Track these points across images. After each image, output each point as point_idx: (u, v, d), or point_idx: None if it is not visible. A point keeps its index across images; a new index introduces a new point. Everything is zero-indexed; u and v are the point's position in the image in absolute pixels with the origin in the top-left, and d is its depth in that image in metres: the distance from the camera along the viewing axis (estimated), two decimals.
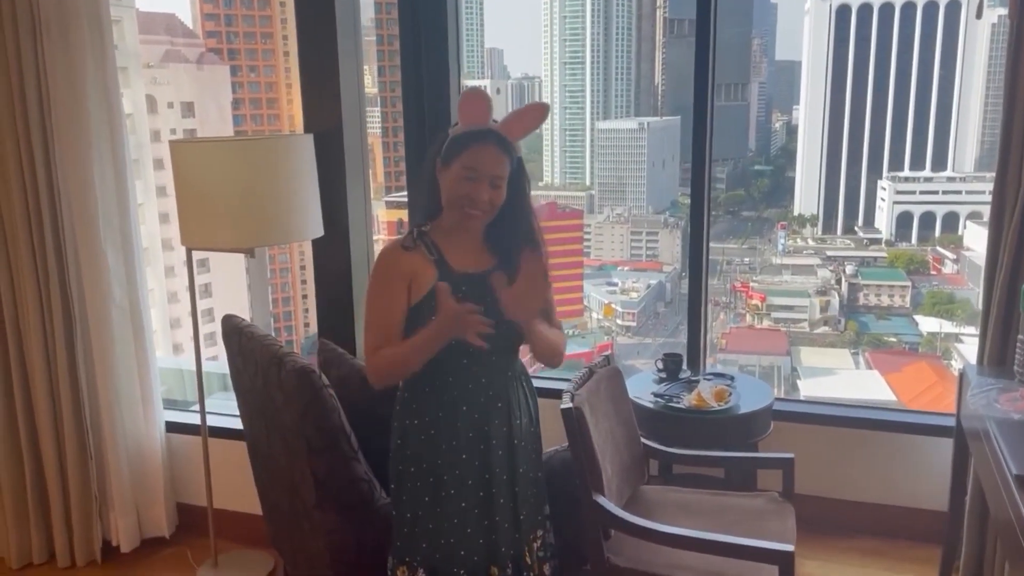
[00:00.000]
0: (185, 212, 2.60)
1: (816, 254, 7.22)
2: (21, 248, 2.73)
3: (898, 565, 2.83)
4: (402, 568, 1.98)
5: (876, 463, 2.96)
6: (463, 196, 1.83)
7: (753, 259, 7.44)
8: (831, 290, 6.98)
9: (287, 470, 2.31)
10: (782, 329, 7.03)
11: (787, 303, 6.96)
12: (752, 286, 7.17)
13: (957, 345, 6.30)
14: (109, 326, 2.79)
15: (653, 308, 7.43)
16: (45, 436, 2.84)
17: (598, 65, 7.65)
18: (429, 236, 1.91)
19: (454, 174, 1.83)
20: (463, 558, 1.94)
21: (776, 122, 8.11)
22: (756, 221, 7.73)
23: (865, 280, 6.87)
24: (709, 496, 2.46)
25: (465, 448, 1.92)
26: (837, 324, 6.96)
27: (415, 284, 1.88)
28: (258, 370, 2.34)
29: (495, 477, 1.95)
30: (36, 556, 2.95)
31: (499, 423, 1.95)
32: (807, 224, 7.43)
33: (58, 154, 2.69)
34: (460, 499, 1.92)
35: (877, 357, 6.65)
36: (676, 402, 2.76)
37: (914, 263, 6.82)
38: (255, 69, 6.32)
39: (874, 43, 6.83)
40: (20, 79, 2.65)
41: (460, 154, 1.83)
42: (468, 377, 1.91)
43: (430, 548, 1.94)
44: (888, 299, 6.84)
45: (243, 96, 6.25)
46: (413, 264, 1.88)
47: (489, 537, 1.95)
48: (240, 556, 2.98)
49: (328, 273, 2.82)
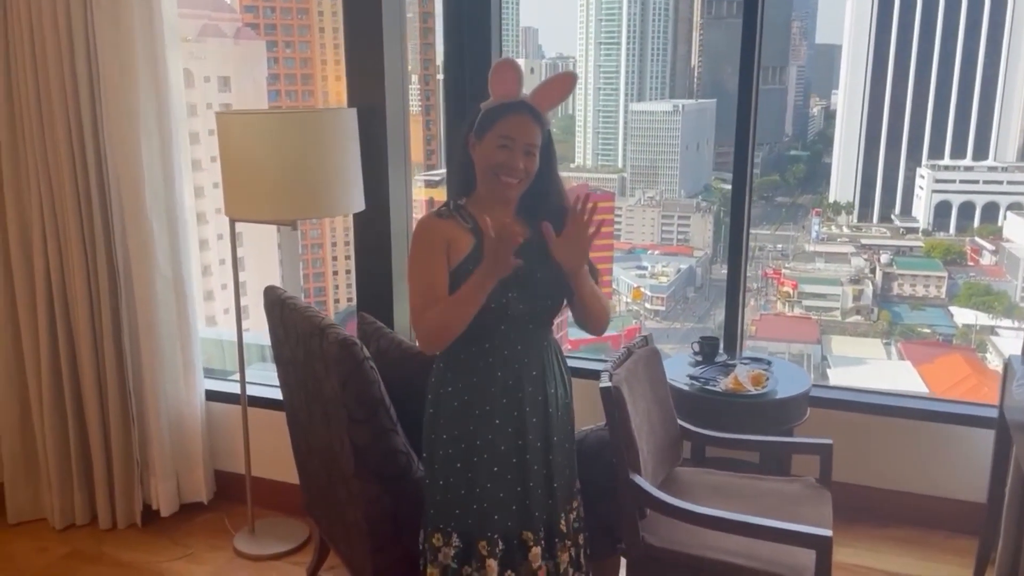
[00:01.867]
0: (229, 183, 2.63)
1: (850, 242, 7.14)
2: (69, 217, 2.78)
3: (933, 555, 2.82)
4: (436, 535, 2.00)
5: (913, 452, 2.95)
6: (499, 164, 1.87)
7: (786, 246, 7.39)
8: (865, 279, 6.92)
9: (326, 440, 2.34)
10: (813, 317, 6.98)
11: (819, 291, 6.90)
12: (784, 273, 7.13)
13: (993, 338, 6.23)
14: (153, 295, 2.85)
15: (683, 293, 7.41)
16: (90, 402, 2.91)
17: (634, 45, 7.59)
18: (465, 209, 1.94)
19: (489, 144, 1.87)
20: (496, 522, 1.96)
21: (814, 107, 8.01)
22: (790, 207, 7.66)
23: (900, 269, 6.79)
24: (744, 480, 2.46)
25: (499, 413, 1.95)
26: (870, 313, 6.89)
27: (452, 250, 1.91)
28: (299, 341, 2.37)
29: (529, 444, 1.97)
30: (79, 518, 3.04)
31: (533, 391, 1.97)
32: (842, 211, 7.36)
33: (106, 125, 2.74)
34: (492, 464, 1.95)
35: (910, 348, 6.59)
36: (712, 385, 2.76)
37: (951, 253, 6.73)
38: (291, 45, 6.34)
39: (917, 28, 6.72)
40: (71, 51, 2.70)
41: (494, 125, 1.87)
42: (504, 343, 1.94)
43: (463, 514, 1.97)
44: (923, 289, 6.75)
45: (279, 71, 6.27)
46: (450, 230, 1.92)
47: (523, 503, 1.98)
48: (276, 523, 3.04)
49: (368, 247, 2.85)
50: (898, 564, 2.78)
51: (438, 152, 3.98)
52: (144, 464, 3.01)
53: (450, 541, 1.99)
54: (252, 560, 2.89)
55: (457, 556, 1.98)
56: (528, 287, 1.92)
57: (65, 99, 2.73)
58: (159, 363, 2.90)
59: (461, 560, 1.98)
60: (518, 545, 1.98)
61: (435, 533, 2.01)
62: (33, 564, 2.88)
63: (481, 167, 1.90)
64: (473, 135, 1.90)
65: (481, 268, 1.82)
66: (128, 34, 2.69)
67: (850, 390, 3.16)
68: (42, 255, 2.84)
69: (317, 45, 6.27)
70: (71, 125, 2.74)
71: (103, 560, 2.91)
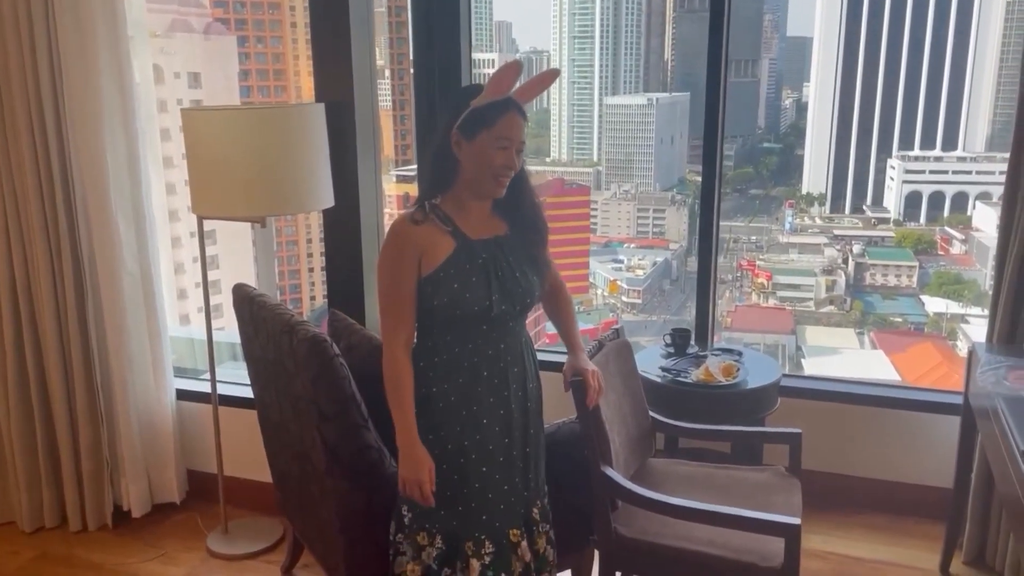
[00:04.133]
0: (197, 180, 2.61)
1: (823, 233, 7.19)
2: (33, 216, 2.75)
3: (902, 540, 2.86)
4: (421, 534, 2.00)
5: (882, 440, 2.98)
6: (499, 165, 1.86)
7: (760, 237, 7.43)
8: (837, 269, 6.97)
9: (298, 437, 2.34)
10: (787, 308, 7.03)
11: (793, 282, 6.98)
12: (758, 264, 7.18)
13: (963, 326, 6.30)
14: (120, 293, 2.82)
15: (659, 286, 7.44)
16: (57, 402, 2.88)
17: (607, 39, 7.60)
18: (440, 208, 1.93)
19: (487, 145, 1.85)
20: (484, 523, 1.97)
21: (786, 99, 8.05)
22: (764, 199, 7.70)
23: (872, 260, 6.85)
24: (716, 470, 2.48)
25: (487, 413, 1.95)
26: (843, 303, 6.94)
27: (427, 257, 1.90)
28: (270, 338, 2.35)
29: (514, 441, 1.99)
30: (48, 520, 3.01)
31: (516, 387, 1.99)
32: (815, 203, 7.41)
33: (70, 123, 2.71)
34: (481, 464, 1.95)
35: (882, 337, 6.65)
36: (684, 377, 2.78)
37: (922, 243, 6.80)
38: (262, 40, 6.28)
39: (887, 20, 6.78)
40: (32, 49, 2.66)
41: (492, 124, 1.84)
42: (488, 343, 1.94)
43: (448, 515, 1.97)
44: (895, 279, 6.82)
45: (250, 67, 6.22)
46: (424, 237, 1.90)
47: (508, 500, 1.99)
48: (250, 523, 3.02)
49: (339, 244, 2.84)
50: (868, 550, 2.82)
51: (412, 147, 3.97)
52: (114, 464, 2.98)
53: (434, 542, 1.99)
54: (226, 560, 2.87)
55: (439, 557, 1.98)
56: (508, 287, 1.93)
57: (27, 98, 2.70)
58: (128, 362, 2.87)
59: (442, 562, 1.98)
60: (506, 544, 1.99)
61: (419, 532, 2.00)
62: (4, 568, 2.84)
63: (475, 166, 1.88)
64: (459, 133, 1.87)
65: (400, 456, 1.91)
66: (91, 32, 2.66)
67: (820, 379, 3.20)
68: (5, 254, 2.80)
69: (289, 40, 6.21)
70: (34, 124, 2.71)
71: (74, 563, 2.87)
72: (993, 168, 6.52)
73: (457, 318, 1.91)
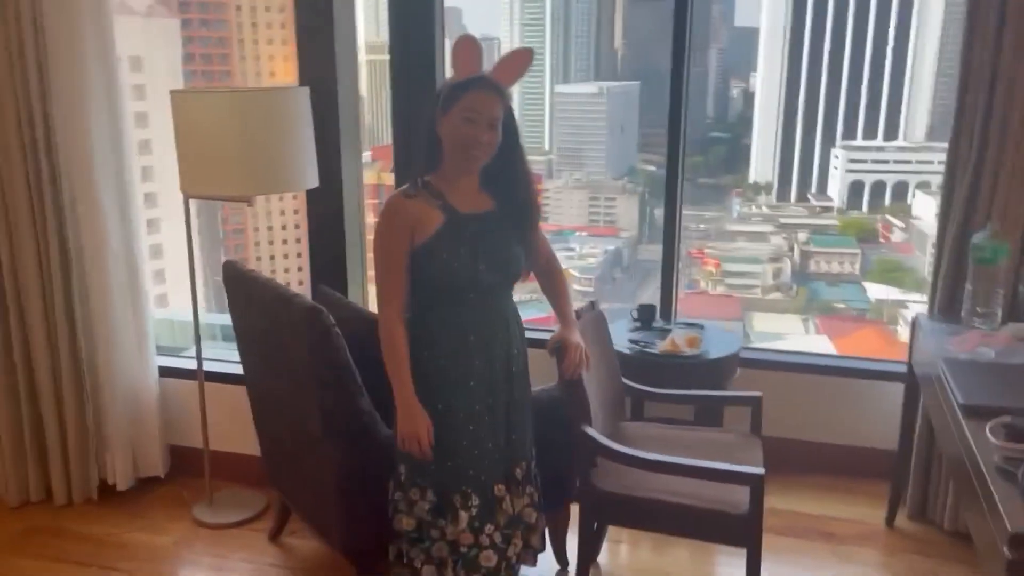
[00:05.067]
0: (185, 160, 2.77)
1: (770, 221, 7.50)
2: (19, 194, 2.88)
3: (851, 498, 3.19)
4: (414, 490, 2.22)
5: (833, 407, 3.30)
6: (466, 137, 2.05)
7: (708, 226, 7.68)
8: (784, 257, 7.21)
9: (293, 405, 2.53)
10: (735, 295, 7.26)
11: (741, 269, 7.23)
12: (707, 252, 7.39)
13: (903, 311, 6.60)
14: (105, 272, 2.97)
15: (610, 274, 7.65)
16: (43, 378, 3.02)
17: (558, 27, 7.74)
18: (432, 185, 2.14)
19: (455, 119, 2.05)
20: (471, 478, 2.19)
21: (734, 89, 8.27)
22: (712, 188, 7.96)
23: (817, 247, 7.13)
24: (684, 431, 2.76)
25: (474, 376, 2.17)
26: (789, 290, 7.17)
27: (418, 230, 2.11)
28: (263, 311, 2.54)
29: (498, 402, 2.22)
30: (33, 494, 3.16)
31: (500, 352, 2.21)
32: (762, 192, 7.67)
33: (55, 101, 2.84)
34: (468, 423, 2.18)
35: (826, 323, 6.92)
36: (651, 348, 3.04)
37: (864, 231, 7.06)
38: (206, 23, 6.33)
39: (831, 12, 7.03)
40: (18, 29, 2.79)
41: (458, 100, 2.04)
42: (475, 311, 2.17)
43: (438, 471, 2.19)
44: (839, 266, 7.08)
45: (193, 51, 6.26)
46: (416, 210, 2.11)
47: (492, 457, 2.22)
48: (234, 494, 3.21)
49: (322, 223, 3.03)
50: (819, 507, 3.14)
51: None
52: (99, 439, 3.14)
53: (425, 496, 2.22)
54: (213, 529, 3.06)
55: (432, 510, 2.21)
56: (495, 259, 2.15)
57: (13, 78, 2.82)
58: (113, 339, 3.02)
59: (435, 513, 2.21)
60: (491, 498, 2.22)
61: (412, 488, 2.23)
62: None
63: (449, 142, 2.08)
64: (440, 111, 2.07)
65: (398, 414, 2.13)
66: (77, 14, 2.80)
67: (776, 351, 3.50)
68: None
69: (234, 23, 6.27)
70: (19, 104, 2.84)
71: (63, 534, 3.03)
72: (932, 158, 6.84)
73: (446, 287, 2.13)
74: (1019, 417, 2.02)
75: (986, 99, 2.70)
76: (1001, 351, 2.52)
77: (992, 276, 2.70)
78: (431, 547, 2.22)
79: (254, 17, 6.05)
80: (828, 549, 2.92)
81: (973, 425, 2.05)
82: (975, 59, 2.71)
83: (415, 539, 2.24)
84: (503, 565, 2.24)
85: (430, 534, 2.22)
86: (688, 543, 2.92)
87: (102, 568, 2.83)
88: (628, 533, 3.01)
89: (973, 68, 2.71)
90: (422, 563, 2.23)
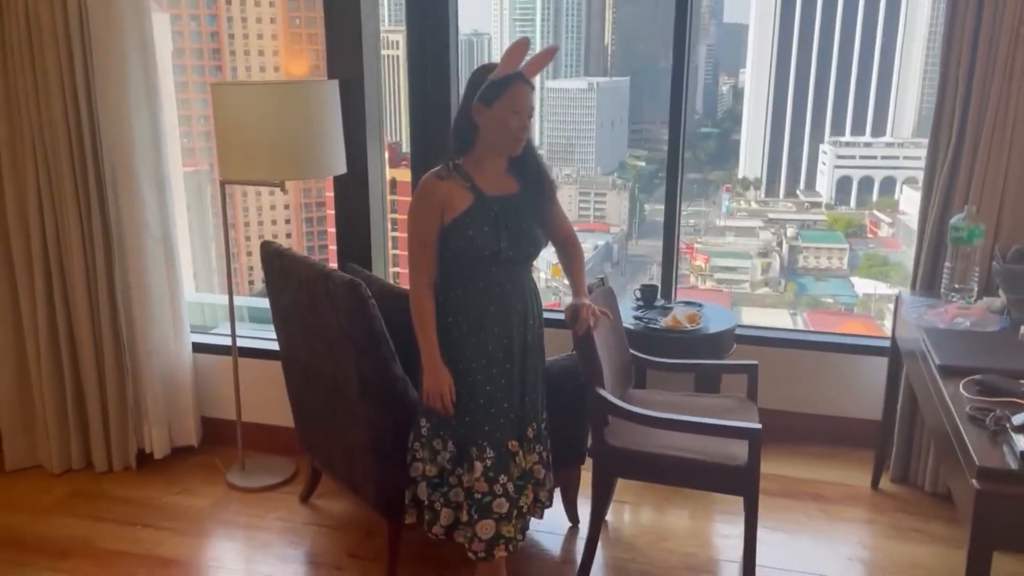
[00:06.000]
0: (224, 148, 3.09)
1: (758, 216, 7.75)
2: (65, 179, 3.19)
3: (839, 464, 3.56)
4: (436, 441, 2.57)
5: (822, 380, 3.66)
6: (515, 128, 2.40)
7: (698, 221, 7.96)
8: (772, 252, 7.40)
9: (331, 372, 2.85)
10: (724, 290, 7.52)
11: (730, 264, 7.45)
12: (696, 247, 7.65)
13: (890, 306, 6.91)
14: (144, 253, 3.28)
15: (600, 269, 7.93)
16: (86, 353, 3.34)
17: (548, 23, 7.97)
18: (462, 168, 2.47)
19: (501, 111, 2.39)
20: (487, 432, 2.54)
21: (723, 85, 8.53)
22: (701, 183, 8.23)
23: (805, 243, 7.38)
24: (687, 397, 3.10)
25: (492, 341, 2.52)
26: (777, 285, 7.38)
27: (448, 208, 2.45)
28: (302, 286, 2.86)
29: (514, 366, 2.56)
30: (75, 463, 3.48)
31: (518, 322, 2.56)
32: (751, 187, 7.95)
33: (98, 89, 3.16)
34: (486, 383, 2.52)
35: (815, 317, 7.19)
36: (654, 324, 3.39)
37: (852, 226, 7.36)
38: (196, 18, 6.58)
39: (819, 9, 7.30)
40: (65, 23, 3.09)
41: (502, 94, 2.37)
42: (496, 283, 2.51)
43: (459, 425, 2.54)
44: (827, 261, 7.37)
45: (184, 45, 6.52)
46: (447, 191, 2.45)
47: (508, 416, 2.56)
48: (263, 461, 3.55)
49: (349, 207, 3.36)
50: (809, 472, 3.51)
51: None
52: (137, 411, 3.45)
53: (447, 447, 2.56)
54: (246, 492, 3.39)
55: (452, 459, 2.56)
56: (516, 237, 2.48)
57: (60, 70, 3.13)
58: (151, 318, 3.35)
59: (455, 463, 2.56)
60: (505, 452, 2.56)
61: (435, 439, 2.57)
62: (40, 502, 3.31)
63: (491, 130, 2.42)
64: (480, 103, 2.40)
65: (424, 373, 2.47)
66: (118, 9, 3.11)
67: (768, 328, 3.86)
68: (37, 214, 3.24)
69: (224, 18, 6.54)
70: (66, 96, 3.15)
71: (105, 497, 3.36)
72: (919, 154, 7.03)
73: (471, 260, 2.47)
74: (988, 375, 2.38)
75: (964, 95, 3.06)
76: (976, 321, 2.87)
77: (968, 255, 3.05)
78: (449, 492, 2.57)
79: (244, 11, 6.28)
80: (818, 508, 3.28)
81: (949, 384, 2.38)
82: (952, 60, 3.07)
83: (436, 484, 2.58)
84: (514, 513, 2.57)
85: (449, 481, 2.57)
86: (688, 504, 3.29)
87: (145, 527, 3.16)
88: (633, 495, 3.35)
89: (952, 66, 3.08)
90: (441, 505, 2.58)
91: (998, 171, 3.05)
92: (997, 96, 2.98)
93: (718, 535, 3.16)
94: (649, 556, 3.00)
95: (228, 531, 3.17)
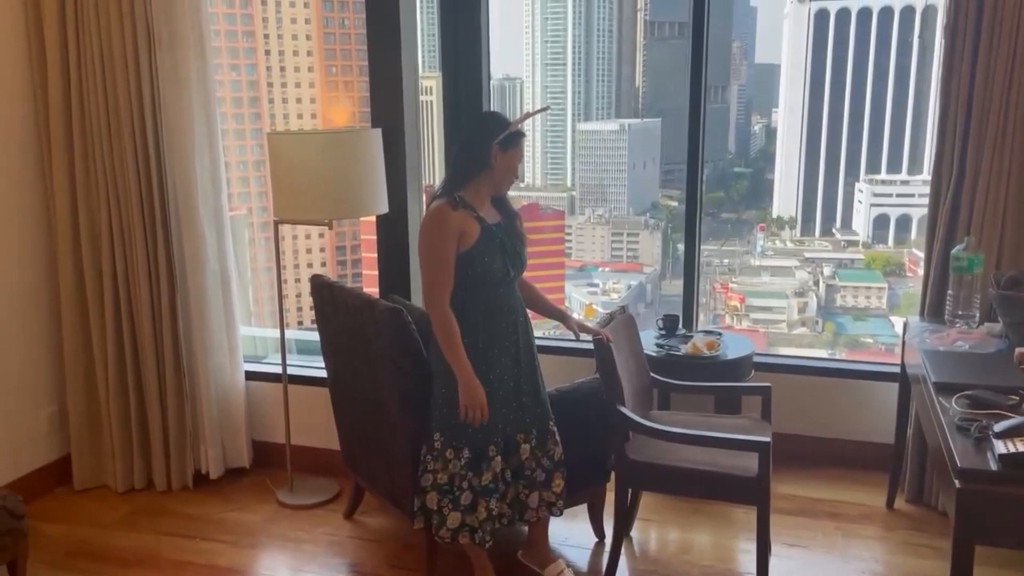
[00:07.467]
0: (278, 190, 3.56)
1: (794, 256, 7.82)
2: (134, 218, 3.71)
3: (855, 486, 3.92)
4: (449, 450, 3.00)
5: (837, 405, 4.03)
6: (516, 172, 2.98)
7: (732, 260, 8.20)
8: (809, 291, 7.62)
9: (373, 391, 3.27)
10: (760, 330, 7.74)
11: (766, 304, 7.71)
12: (731, 287, 7.87)
13: None
14: (204, 288, 3.77)
15: (634, 309, 8.20)
16: (150, 380, 3.82)
17: (579, 67, 8.32)
18: (465, 199, 2.92)
19: (512, 158, 2.94)
20: (500, 431, 2.99)
21: (755, 124, 8.74)
22: (735, 223, 8.47)
23: (842, 281, 7.60)
24: (703, 417, 3.49)
25: (504, 353, 2.99)
26: (815, 325, 7.51)
27: (463, 237, 2.90)
28: (350, 313, 3.30)
29: (520, 371, 3.03)
30: (137, 482, 3.95)
31: (521, 332, 3.04)
32: (785, 226, 8.16)
33: (165, 138, 3.67)
34: (499, 389, 2.97)
35: (854, 357, 7.47)
36: (675, 351, 3.78)
37: (890, 265, 7.50)
38: (236, 68, 7.10)
39: (852, 47, 7.47)
40: (138, 81, 3.62)
41: (515, 145, 2.94)
42: (503, 301, 2.99)
43: (475, 431, 2.96)
44: (865, 300, 7.57)
45: (224, 94, 7.04)
46: (461, 220, 2.90)
47: (517, 414, 3.02)
48: (311, 482, 4.00)
49: (390, 243, 3.82)
50: (827, 493, 3.86)
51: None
52: (195, 435, 3.91)
53: (461, 454, 2.99)
54: (295, 509, 3.84)
55: (467, 465, 2.98)
56: (514, 258, 2.99)
57: (132, 121, 3.63)
58: (209, 347, 3.82)
59: (469, 467, 2.98)
60: (513, 443, 3.03)
61: (448, 448, 3.00)
62: (106, 518, 3.79)
63: (500, 171, 2.93)
64: (499, 147, 2.89)
65: (462, 388, 2.87)
66: (184, 67, 3.64)
67: (785, 356, 4.23)
68: (108, 249, 3.75)
69: (263, 68, 7.05)
70: (136, 144, 3.66)
71: (166, 513, 3.83)
72: None
73: (485, 284, 2.94)
74: (978, 390, 2.71)
75: (963, 132, 3.44)
76: (975, 344, 3.21)
77: (969, 283, 3.41)
78: (459, 496, 2.99)
79: (283, 61, 6.74)
80: (834, 526, 3.63)
81: (943, 399, 2.70)
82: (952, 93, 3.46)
83: (446, 490, 3.00)
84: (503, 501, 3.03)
85: (460, 485, 2.98)
86: (710, 522, 3.65)
87: (204, 539, 3.61)
88: (657, 514, 3.72)
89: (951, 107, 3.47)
90: (450, 510, 2.99)
91: (998, 201, 3.40)
92: (994, 131, 3.34)
93: (738, 550, 3.52)
94: (670, 568, 3.37)
95: (279, 544, 3.60)
